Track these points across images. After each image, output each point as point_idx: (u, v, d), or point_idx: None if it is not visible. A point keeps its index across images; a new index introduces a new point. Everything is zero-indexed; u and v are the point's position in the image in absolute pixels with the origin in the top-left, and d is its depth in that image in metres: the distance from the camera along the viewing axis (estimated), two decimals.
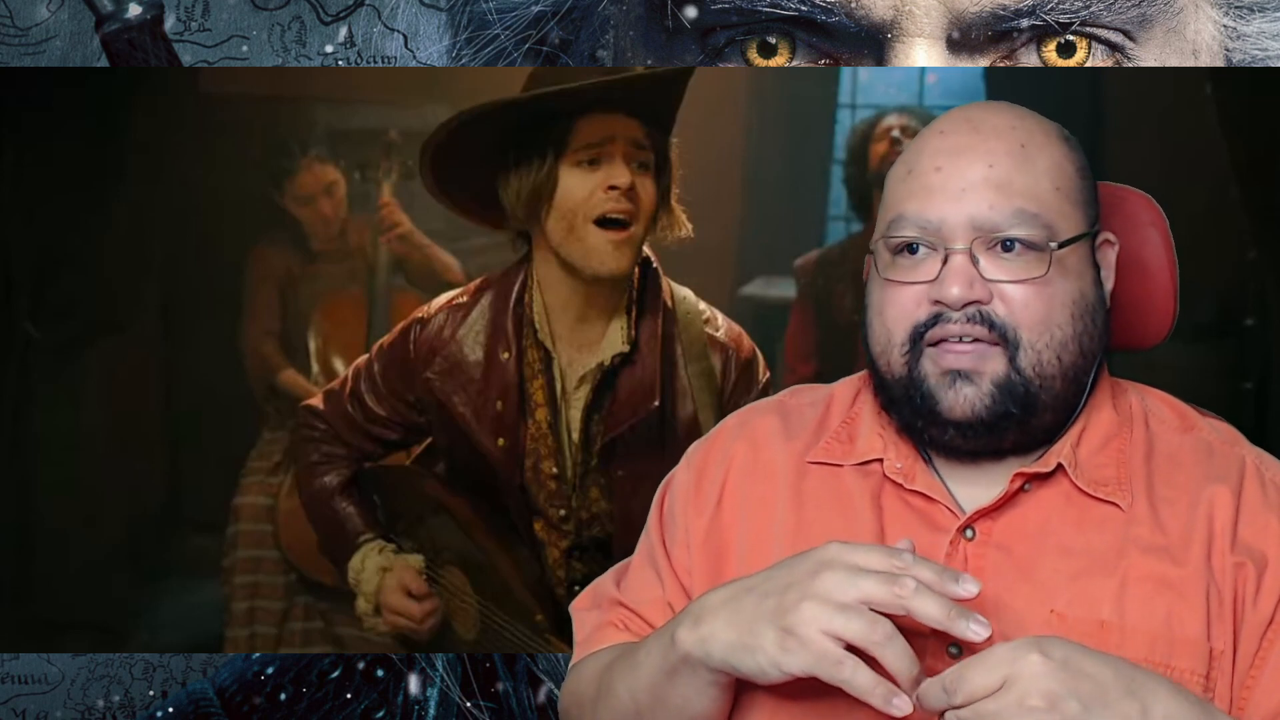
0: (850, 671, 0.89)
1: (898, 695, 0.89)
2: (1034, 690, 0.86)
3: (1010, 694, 0.86)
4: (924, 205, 1.03)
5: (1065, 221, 1.03)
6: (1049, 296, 1.01)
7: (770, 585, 0.95)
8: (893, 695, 0.89)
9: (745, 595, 0.96)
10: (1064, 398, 1.04)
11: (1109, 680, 0.87)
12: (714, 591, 0.99)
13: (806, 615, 0.91)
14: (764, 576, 0.97)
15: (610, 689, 1.08)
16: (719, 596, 0.98)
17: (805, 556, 0.95)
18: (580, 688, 1.15)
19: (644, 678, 1.03)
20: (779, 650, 0.92)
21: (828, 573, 0.92)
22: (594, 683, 1.12)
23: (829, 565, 0.93)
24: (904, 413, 1.06)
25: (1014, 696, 0.86)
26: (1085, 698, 0.86)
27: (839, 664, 0.90)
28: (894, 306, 1.04)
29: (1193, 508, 1.02)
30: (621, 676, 1.07)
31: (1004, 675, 0.87)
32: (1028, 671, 0.86)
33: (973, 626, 0.90)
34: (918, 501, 1.06)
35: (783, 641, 0.92)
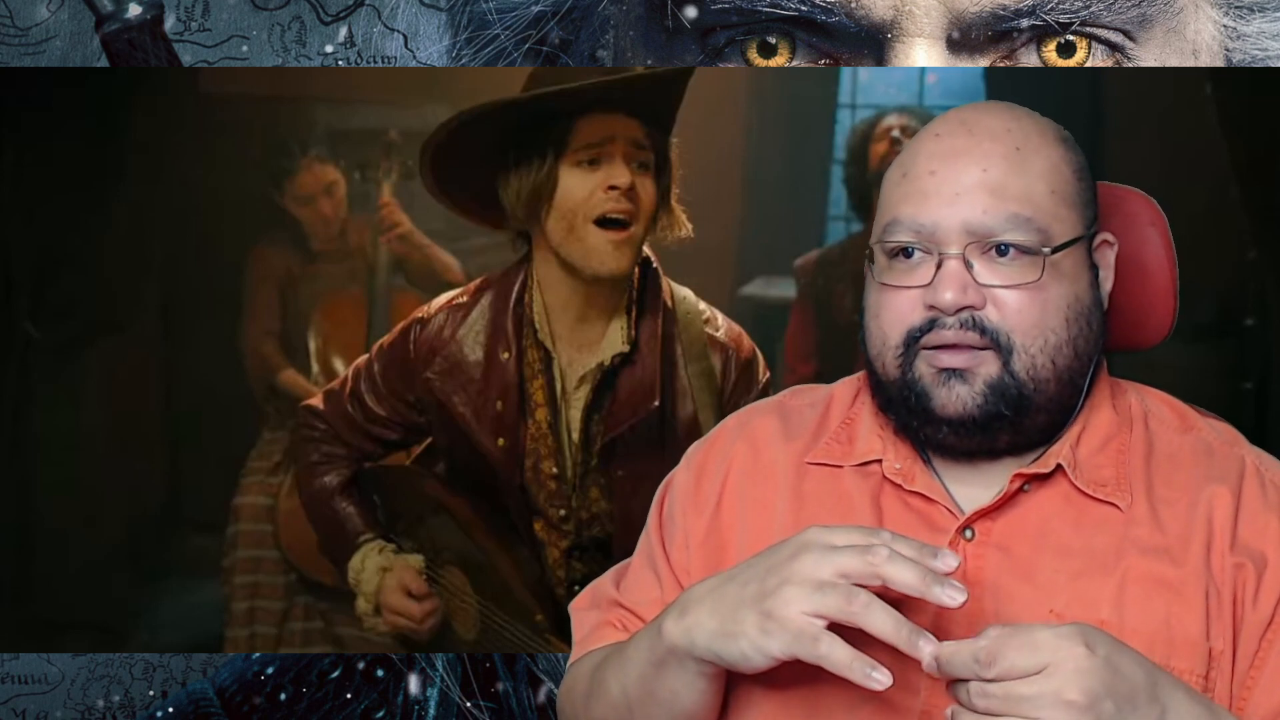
0: (826, 647, 0.89)
1: (876, 669, 0.88)
2: (1075, 686, 0.84)
3: (1049, 682, 0.84)
4: (918, 209, 1.03)
5: (1060, 225, 1.03)
6: (1043, 301, 1.01)
7: (752, 572, 0.95)
8: (871, 669, 0.88)
9: (728, 584, 0.96)
10: (1059, 399, 1.04)
11: (1140, 682, 0.87)
12: (700, 583, 0.99)
13: (785, 597, 0.91)
14: (747, 564, 0.97)
15: (602, 685, 1.08)
16: (704, 587, 0.98)
17: (786, 542, 0.95)
18: (575, 685, 1.15)
19: (634, 672, 1.03)
20: (760, 634, 0.91)
21: (805, 555, 0.92)
22: (587, 679, 1.12)
23: (807, 548, 0.92)
24: (900, 413, 1.06)
25: (1052, 686, 0.84)
26: (1120, 699, 0.85)
27: (815, 640, 0.89)
28: (889, 311, 1.05)
29: (1192, 508, 1.02)
30: (613, 672, 1.07)
31: (1045, 661, 0.85)
32: (1071, 665, 0.85)
33: (948, 592, 0.88)
34: (917, 502, 1.06)
35: (763, 625, 0.91)
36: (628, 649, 1.05)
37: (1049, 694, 0.84)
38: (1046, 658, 0.85)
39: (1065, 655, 0.85)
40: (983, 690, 0.86)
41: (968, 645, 0.87)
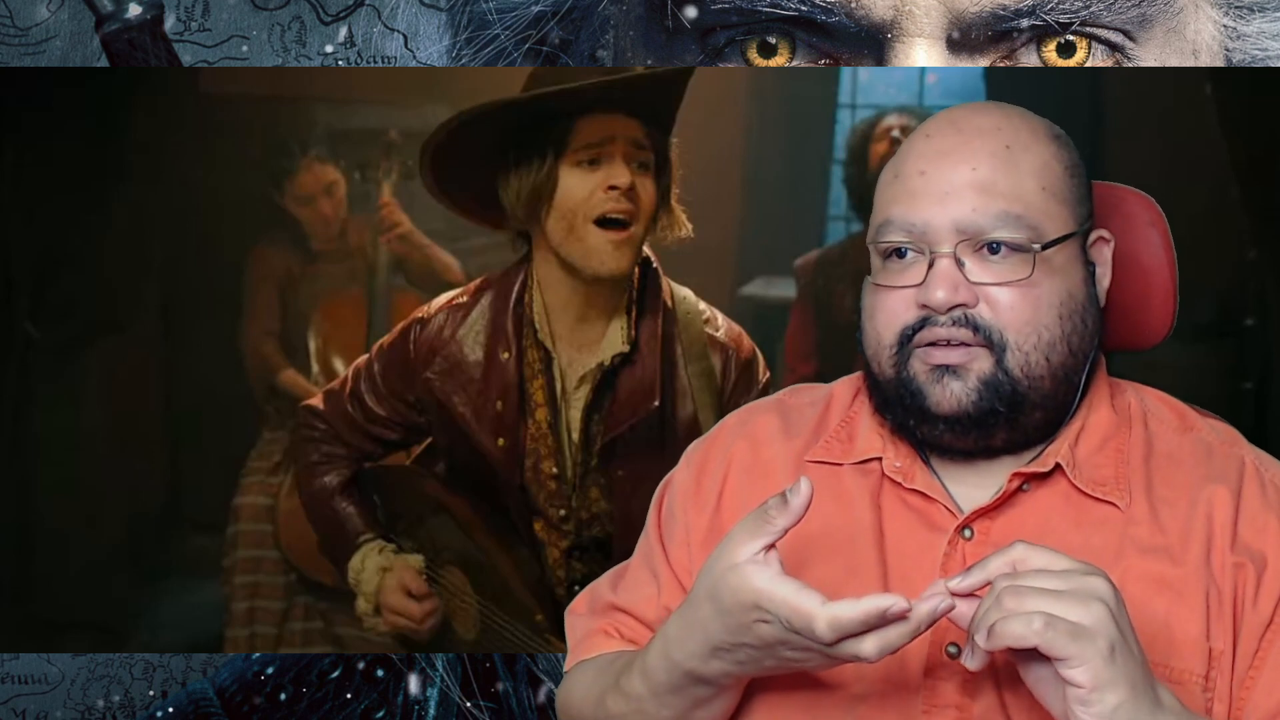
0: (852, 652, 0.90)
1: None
2: (1105, 587, 0.86)
3: (1081, 580, 0.86)
4: (909, 209, 1.04)
5: (1052, 222, 1.03)
6: (1035, 298, 1.02)
7: (746, 649, 0.95)
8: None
9: (734, 650, 0.95)
10: (1054, 396, 1.04)
11: (1140, 659, 0.88)
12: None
13: (800, 661, 0.94)
14: (730, 636, 0.95)
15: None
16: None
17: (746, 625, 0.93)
18: (571, 700, 1.16)
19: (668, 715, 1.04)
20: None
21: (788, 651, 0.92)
22: (591, 708, 1.12)
23: (786, 643, 0.92)
24: (896, 412, 1.06)
25: (1086, 584, 0.86)
26: (1123, 649, 0.86)
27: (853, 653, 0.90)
28: (883, 311, 1.05)
29: (1192, 508, 1.02)
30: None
31: (1070, 565, 0.87)
32: (1100, 579, 0.87)
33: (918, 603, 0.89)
34: (916, 501, 1.06)
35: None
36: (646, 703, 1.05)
37: (1081, 589, 0.85)
38: (1073, 566, 0.87)
39: (1094, 579, 0.87)
40: (1014, 587, 0.86)
41: (1000, 551, 0.90)
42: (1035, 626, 0.83)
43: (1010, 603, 0.85)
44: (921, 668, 1.00)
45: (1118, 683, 0.84)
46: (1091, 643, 0.84)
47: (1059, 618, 0.84)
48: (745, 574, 0.91)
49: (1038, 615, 0.84)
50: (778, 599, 0.89)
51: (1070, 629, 0.83)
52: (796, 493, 0.92)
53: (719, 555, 0.94)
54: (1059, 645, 0.83)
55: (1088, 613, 0.84)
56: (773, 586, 0.90)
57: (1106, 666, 0.84)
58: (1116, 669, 0.84)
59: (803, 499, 0.91)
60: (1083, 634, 0.84)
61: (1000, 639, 0.85)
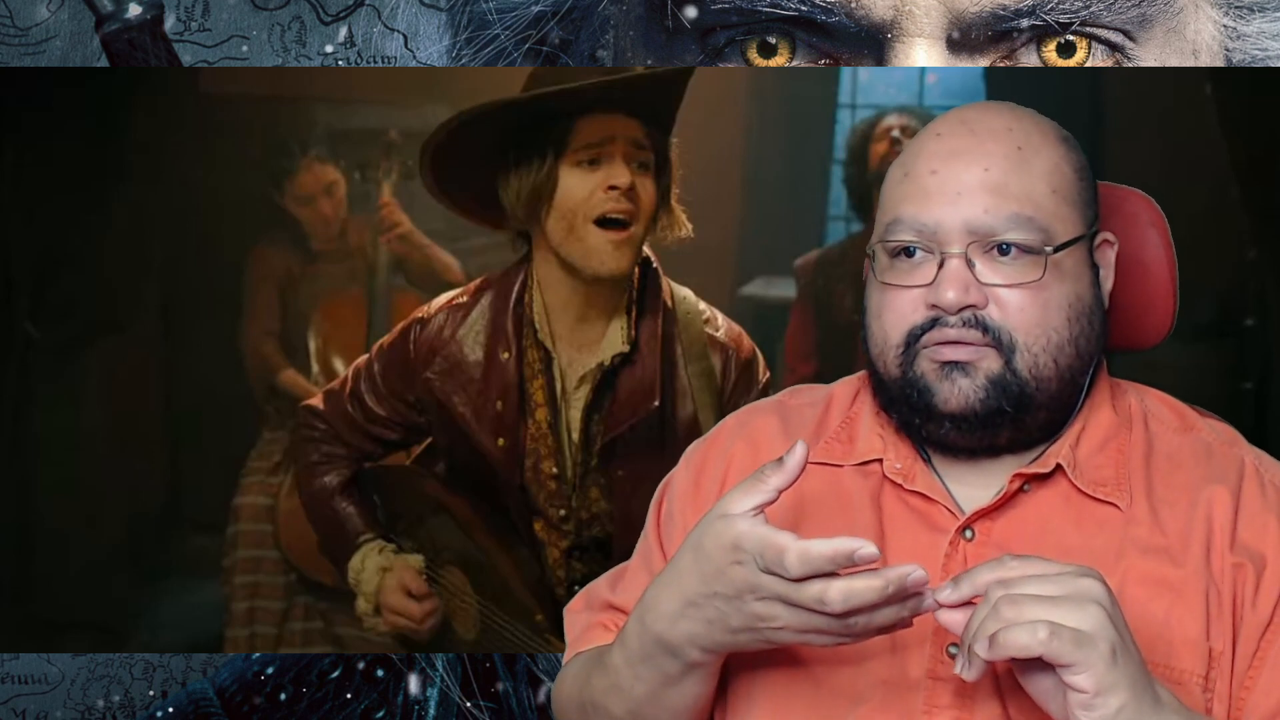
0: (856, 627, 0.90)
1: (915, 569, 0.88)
2: (1101, 590, 0.86)
3: (1077, 583, 0.86)
4: (920, 208, 1.03)
5: (1062, 224, 1.03)
6: (1045, 300, 1.02)
7: (726, 612, 0.94)
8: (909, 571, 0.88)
9: (704, 604, 0.95)
10: (1060, 397, 1.04)
11: (1138, 658, 0.88)
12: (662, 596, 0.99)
13: (780, 638, 0.93)
14: (704, 585, 0.95)
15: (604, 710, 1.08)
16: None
17: (725, 579, 0.93)
18: (563, 691, 1.16)
19: (641, 690, 1.03)
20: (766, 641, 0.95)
21: (775, 614, 0.92)
22: (577, 695, 1.12)
23: (756, 589, 0.92)
24: (902, 411, 1.06)
25: (1081, 586, 0.86)
26: (1122, 648, 0.86)
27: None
28: (891, 311, 1.05)
29: (1192, 508, 1.02)
30: (614, 698, 1.07)
31: (1064, 569, 0.87)
32: (1095, 581, 0.87)
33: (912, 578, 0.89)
34: (917, 502, 1.06)
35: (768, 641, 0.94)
36: (620, 677, 1.05)
37: (1077, 593, 0.85)
38: (1065, 569, 0.88)
39: (1088, 581, 0.87)
40: (1010, 596, 0.86)
41: (989, 563, 0.90)
42: (1040, 636, 0.83)
43: (1009, 612, 0.85)
44: (922, 668, 1.00)
45: (1120, 685, 0.84)
46: (1094, 648, 0.84)
47: (1062, 626, 0.84)
48: (731, 521, 0.92)
49: (1042, 624, 0.84)
50: (754, 535, 0.90)
51: (1074, 636, 0.84)
52: (791, 454, 0.92)
53: (711, 510, 0.95)
54: (1065, 653, 0.84)
55: (1086, 617, 0.84)
56: (753, 526, 0.91)
57: (1109, 670, 0.84)
58: (1118, 672, 0.84)
59: (797, 459, 0.92)
60: (1085, 640, 0.84)
61: (1004, 649, 0.85)
